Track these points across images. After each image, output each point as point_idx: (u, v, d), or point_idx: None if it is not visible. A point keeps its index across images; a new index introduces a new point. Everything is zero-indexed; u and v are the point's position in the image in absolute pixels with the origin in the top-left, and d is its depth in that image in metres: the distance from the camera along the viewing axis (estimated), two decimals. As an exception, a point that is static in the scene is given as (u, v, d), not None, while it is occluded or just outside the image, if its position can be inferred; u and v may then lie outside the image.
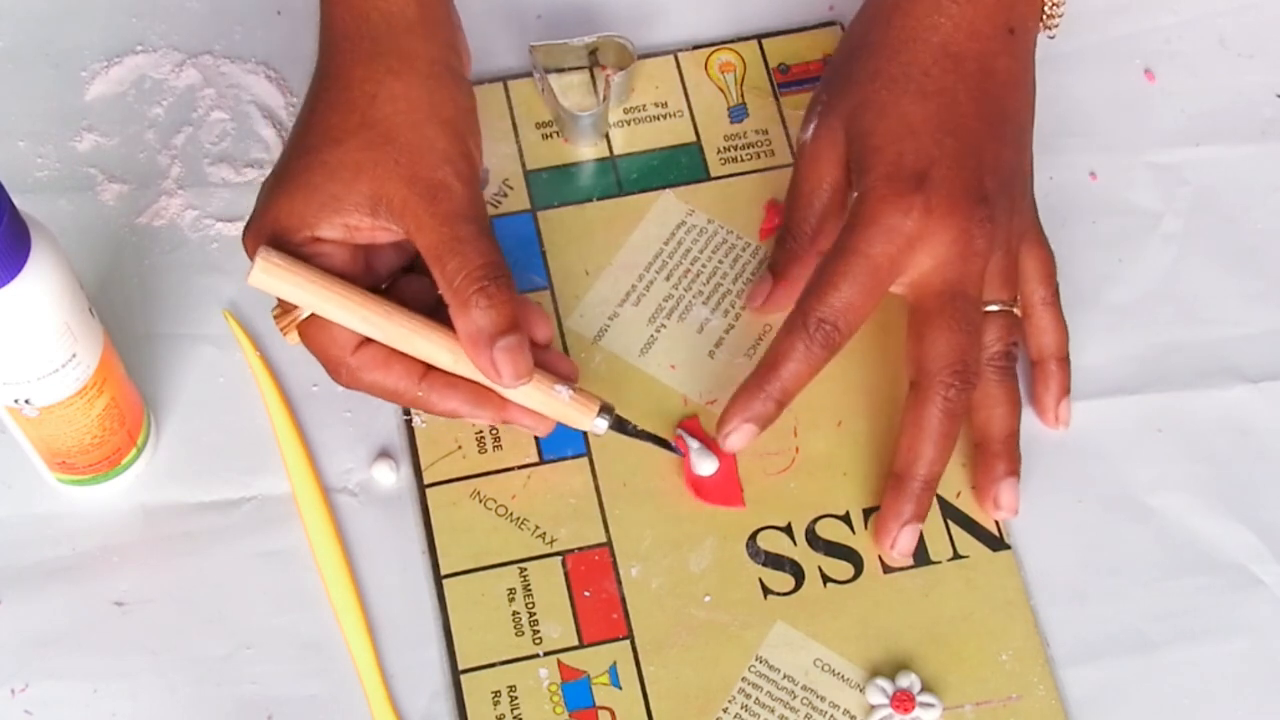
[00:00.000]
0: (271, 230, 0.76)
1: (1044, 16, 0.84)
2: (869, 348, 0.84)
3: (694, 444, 0.83)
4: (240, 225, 0.87)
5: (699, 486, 0.83)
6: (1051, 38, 0.86)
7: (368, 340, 0.77)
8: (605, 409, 0.80)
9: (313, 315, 0.77)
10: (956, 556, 0.82)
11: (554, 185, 0.89)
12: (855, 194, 0.79)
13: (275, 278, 0.76)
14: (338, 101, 0.78)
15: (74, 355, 0.73)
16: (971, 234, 0.78)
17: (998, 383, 0.81)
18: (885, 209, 0.78)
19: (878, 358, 0.85)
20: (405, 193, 0.76)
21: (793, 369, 0.78)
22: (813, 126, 0.83)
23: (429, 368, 0.78)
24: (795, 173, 0.84)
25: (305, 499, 0.82)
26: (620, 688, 0.79)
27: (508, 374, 0.75)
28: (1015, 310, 0.81)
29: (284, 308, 0.77)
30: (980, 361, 0.79)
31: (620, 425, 0.80)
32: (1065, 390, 0.84)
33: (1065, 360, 0.84)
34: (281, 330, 0.78)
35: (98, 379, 0.75)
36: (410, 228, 0.76)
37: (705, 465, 0.82)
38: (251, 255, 0.77)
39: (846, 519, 0.83)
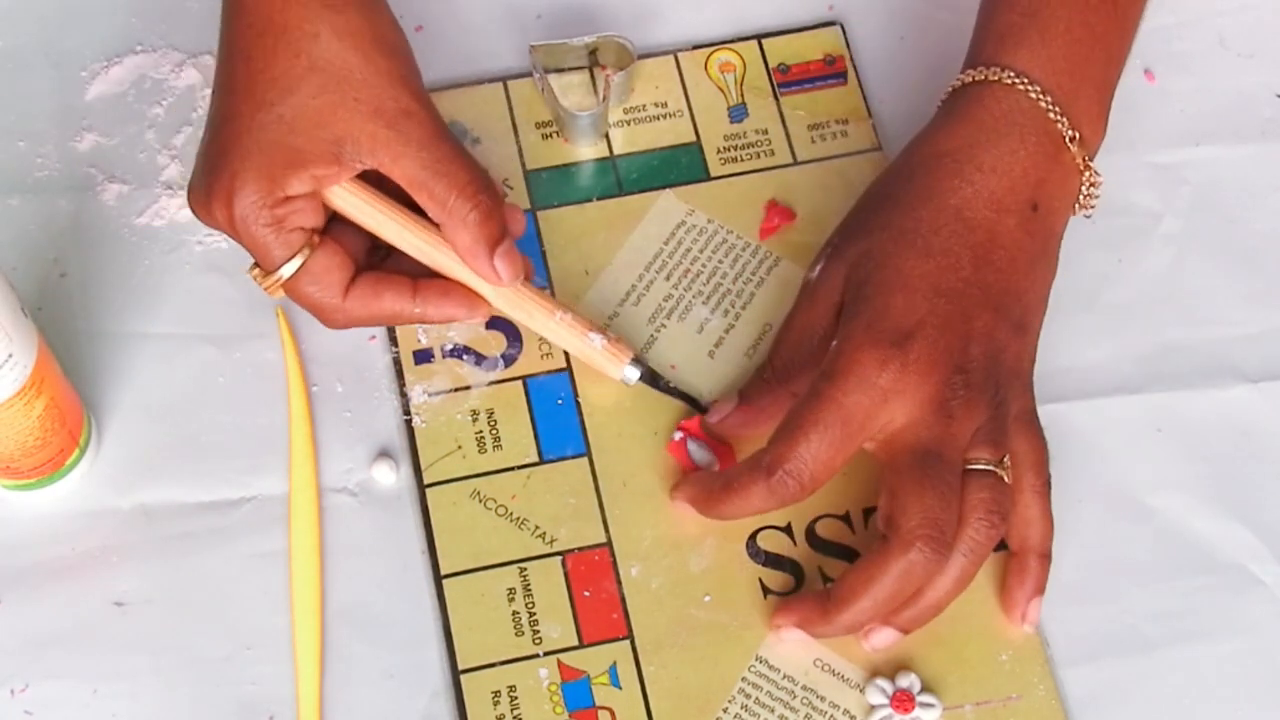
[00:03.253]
0: (238, 196, 0.76)
1: (1080, 197, 0.82)
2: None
3: (693, 445, 0.83)
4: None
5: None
6: (1088, 217, 0.84)
7: (355, 278, 0.79)
8: (637, 359, 0.82)
9: (299, 271, 0.78)
10: (956, 556, 0.82)
11: (554, 185, 0.90)
12: (835, 341, 0.77)
13: (349, 203, 0.79)
14: (278, 47, 0.76)
15: (10, 355, 0.73)
16: (945, 398, 0.76)
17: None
18: (861, 359, 0.76)
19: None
20: (373, 128, 0.76)
21: (742, 504, 0.77)
22: (819, 268, 0.81)
23: (418, 284, 0.80)
24: (793, 310, 0.82)
25: (299, 503, 0.82)
26: (620, 688, 0.79)
27: (507, 276, 0.79)
28: (1000, 472, 0.77)
29: (264, 268, 0.78)
30: (954, 525, 0.76)
31: (653, 379, 0.82)
32: (1040, 589, 0.80)
33: (1046, 557, 0.80)
34: (266, 289, 0.79)
35: (35, 379, 0.75)
36: (385, 161, 0.77)
37: (705, 465, 0.83)
38: (217, 220, 0.77)
39: (846, 519, 0.83)
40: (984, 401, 0.77)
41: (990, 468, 0.77)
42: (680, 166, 0.90)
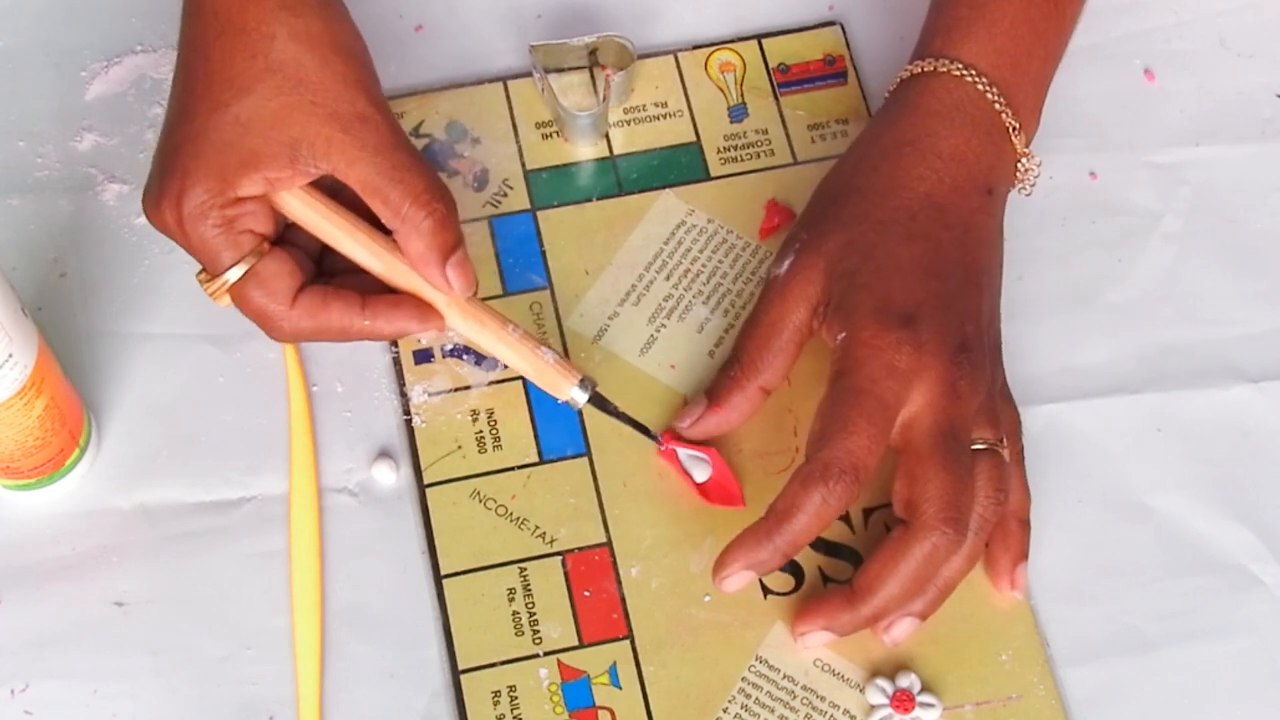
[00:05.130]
0: (188, 195, 0.75)
1: (1018, 173, 0.84)
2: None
3: (683, 453, 0.83)
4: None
5: (701, 488, 0.83)
6: (1027, 195, 0.85)
7: (302, 288, 0.78)
8: (586, 381, 0.81)
9: (247, 275, 0.77)
10: (956, 556, 0.82)
11: (554, 185, 0.90)
12: (842, 334, 0.77)
13: (303, 210, 0.78)
14: (235, 47, 0.76)
15: (10, 356, 0.73)
16: (956, 377, 0.76)
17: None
18: (880, 345, 0.76)
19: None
20: (328, 132, 0.76)
21: (805, 522, 0.75)
22: (788, 263, 0.81)
23: (367, 298, 0.79)
24: (761, 305, 0.81)
25: (299, 503, 0.82)
26: (620, 688, 0.79)
27: (460, 286, 0.79)
28: (1001, 450, 0.78)
29: (210, 272, 0.77)
30: (970, 506, 0.76)
31: (600, 403, 0.81)
32: (1024, 555, 0.80)
33: (1026, 524, 0.81)
34: (212, 294, 0.78)
35: (35, 379, 0.75)
36: (339, 166, 0.76)
37: (699, 471, 0.82)
38: (167, 221, 0.76)
39: (846, 519, 0.83)
40: (983, 379, 0.78)
41: (992, 446, 0.78)
42: (680, 166, 0.90)
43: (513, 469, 0.83)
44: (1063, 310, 0.87)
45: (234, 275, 0.77)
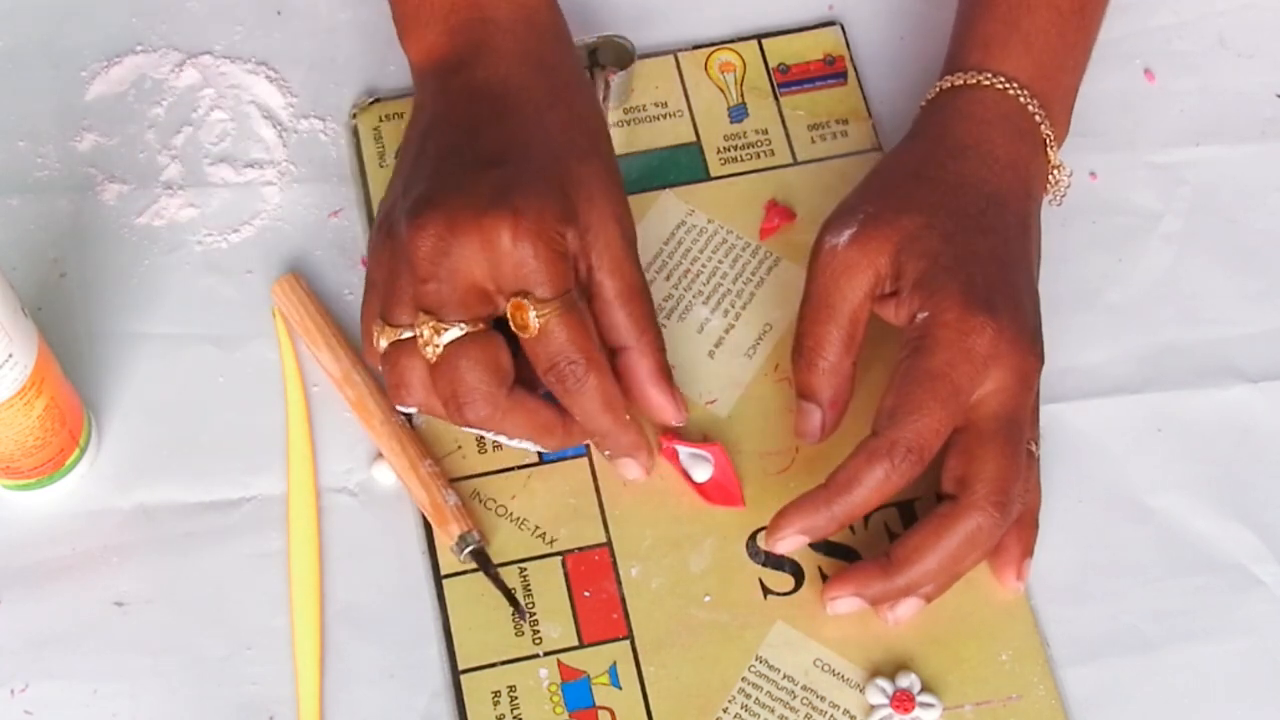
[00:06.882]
0: (545, 219, 0.74)
1: (1050, 184, 0.85)
2: (870, 348, 0.84)
3: (684, 451, 0.83)
4: (241, 227, 0.87)
5: (700, 487, 0.83)
6: (1058, 205, 0.86)
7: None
8: (469, 537, 0.80)
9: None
10: (956, 556, 0.82)
11: (554, 185, 0.89)
12: (924, 314, 0.78)
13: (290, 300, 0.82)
14: (556, 102, 0.79)
15: (10, 356, 0.73)
16: (1029, 366, 0.78)
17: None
18: (963, 329, 0.77)
19: (878, 358, 0.84)
20: (614, 231, 0.78)
21: (865, 495, 0.76)
22: (850, 233, 0.80)
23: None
24: (824, 278, 0.80)
25: (298, 503, 0.82)
26: (620, 688, 0.79)
27: (672, 412, 0.80)
28: (1036, 450, 0.80)
29: (550, 289, 0.75)
30: (1016, 499, 0.77)
31: (483, 561, 0.80)
32: (1030, 551, 0.81)
33: (1036, 521, 0.81)
34: (522, 325, 0.74)
35: (35, 379, 0.75)
36: (606, 266, 0.77)
37: (699, 471, 0.82)
38: (486, 233, 0.74)
39: (846, 519, 0.83)
40: (1040, 375, 0.79)
41: (1029, 445, 0.79)
42: (680, 166, 0.90)
43: (513, 469, 0.83)
44: (1063, 310, 0.86)
45: (537, 325, 0.75)
